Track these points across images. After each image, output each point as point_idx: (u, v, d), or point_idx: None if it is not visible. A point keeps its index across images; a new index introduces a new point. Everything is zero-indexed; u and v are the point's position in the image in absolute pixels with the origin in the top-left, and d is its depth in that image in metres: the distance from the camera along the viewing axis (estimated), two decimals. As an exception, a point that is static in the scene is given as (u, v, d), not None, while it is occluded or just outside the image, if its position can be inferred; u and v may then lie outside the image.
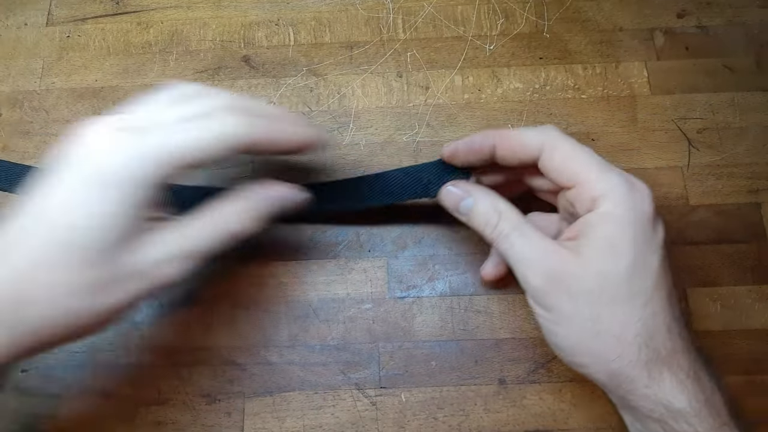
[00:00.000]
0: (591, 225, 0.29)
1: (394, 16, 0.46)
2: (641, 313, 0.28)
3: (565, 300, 0.29)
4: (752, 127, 0.42)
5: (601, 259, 0.29)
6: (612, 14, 0.45)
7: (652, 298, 0.29)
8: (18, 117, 0.44)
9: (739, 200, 0.40)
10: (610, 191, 0.29)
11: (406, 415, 0.36)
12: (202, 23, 0.46)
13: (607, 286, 0.28)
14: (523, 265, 0.30)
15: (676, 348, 0.29)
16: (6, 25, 0.46)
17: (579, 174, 0.30)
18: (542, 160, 0.31)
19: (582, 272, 0.29)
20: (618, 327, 0.28)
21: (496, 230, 0.31)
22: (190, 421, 0.36)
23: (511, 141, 0.32)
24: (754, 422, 0.35)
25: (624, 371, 0.28)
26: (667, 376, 0.28)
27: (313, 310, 0.38)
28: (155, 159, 0.26)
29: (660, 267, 0.29)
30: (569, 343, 0.30)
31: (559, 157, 0.31)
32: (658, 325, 0.28)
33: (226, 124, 0.27)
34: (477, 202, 0.32)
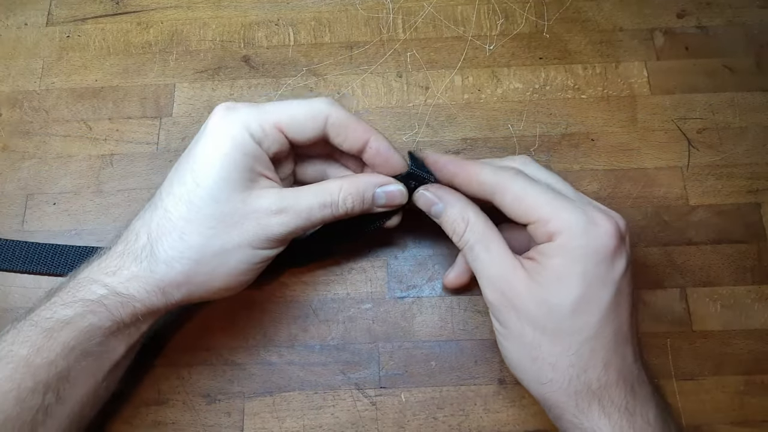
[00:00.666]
0: (545, 255, 0.30)
1: (394, 16, 0.46)
2: (578, 348, 0.29)
3: (514, 319, 0.30)
4: (752, 127, 0.42)
5: (549, 290, 0.29)
6: (612, 14, 0.45)
7: (596, 334, 0.29)
8: (18, 117, 0.44)
9: (739, 200, 0.40)
10: (564, 228, 0.29)
11: (406, 415, 0.36)
12: (202, 23, 0.46)
13: (550, 317, 0.29)
14: (483, 278, 0.31)
15: (611, 382, 0.29)
16: (6, 25, 0.46)
17: (531, 214, 0.30)
18: (495, 201, 0.32)
19: (530, 298, 0.29)
20: (553, 356, 0.29)
21: (462, 240, 0.32)
22: (190, 421, 0.36)
23: (469, 177, 0.32)
24: (754, 422, 0.35)
25: (553, 397, 0.29)
26: (595, 408, 0.28)
27: (313, 310, 0.38)
28: (248, 116, 0.31)
29: (611, 302, 0.29)
30: (512, 359, 0.31)
31: (510, 199, 0.31)
32: (595, 360, 0.29)
33: (312, 102, 0.32)
34: (446, 208, 0.33)
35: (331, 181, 0.33)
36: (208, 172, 0.30)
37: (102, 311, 0.29)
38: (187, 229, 0.30)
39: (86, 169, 0.42)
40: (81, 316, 0.29)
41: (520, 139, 0.42)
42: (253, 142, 0.31)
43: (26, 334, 0.28)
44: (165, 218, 0.30)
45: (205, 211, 0.30)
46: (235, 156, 0.30)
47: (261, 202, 0.31)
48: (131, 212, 0.40)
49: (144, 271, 0.30)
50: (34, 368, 0.27)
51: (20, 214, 0.41)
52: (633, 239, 0.39)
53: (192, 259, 0.30)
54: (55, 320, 0.29)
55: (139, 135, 0.43)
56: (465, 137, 0.42)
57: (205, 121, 0.32)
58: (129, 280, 0.30)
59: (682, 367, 0.36)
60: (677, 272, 0.38)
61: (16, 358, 0.27)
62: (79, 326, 0.29)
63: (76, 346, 0.29)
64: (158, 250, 0.30)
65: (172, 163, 0.42)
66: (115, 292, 0.30)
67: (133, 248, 0.30)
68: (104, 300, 0.29)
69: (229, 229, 0.30)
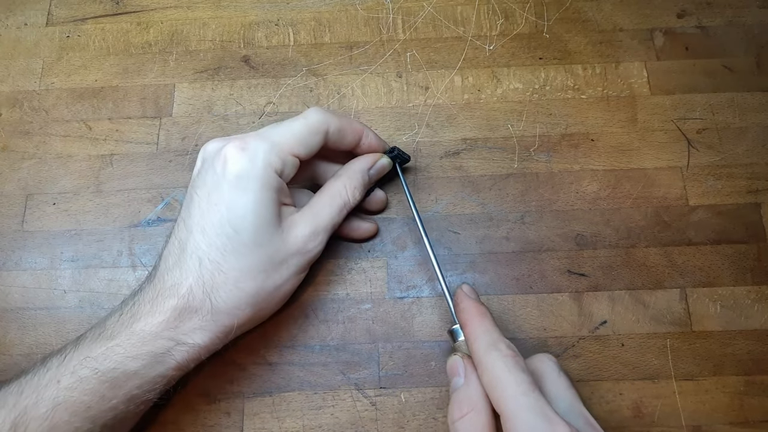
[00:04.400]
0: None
1: (393, 16, 0.46)
2: None
3: None
4: (752, 127, 0.42)
5: None
6: (612, 14, 0.45)
7: None
8: (18, 117, 0.44)
9: (739, 200, 0.40)
10: None
11: (405, 415, 0.36)
12: (202, 23, 0.46)
13: None
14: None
15: None
16: (6, 25, 0.46)
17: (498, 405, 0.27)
18: None
19: None
20: None
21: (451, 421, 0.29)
22: (190, 421, 0.36)
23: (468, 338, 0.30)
24: (754, 422, 0.35)
25: None
26: None
27: (313, 310, 0.38)
28: (268, 153, 0.32)
29: None
30: None
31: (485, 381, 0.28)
32: None
33: (308, 116, 0.34)
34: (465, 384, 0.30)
35: (335, 183, 0.36)
36: (245, 218, 0.31)
37: (170, 362, 0.31)
38: (240, 278, 0.31)
39: (86, 169, 0.42)
40: (148, 367, 0.30)
41: (519, 140, 0.42)
42: (277, 177, 0.32)
43: (88, 382, 0.29)
44: (217, 270, 0.31)
45: (253, 258, 0.32)
46: (264, 196, 0.32)
47: (297, 234, 0.33)
48: (131, 212, 0.41)
49: (208, 322, 0.31)
50: (95, 413, 0.29)
51: (20, 214, 0.41)
52: (633, 239, 0.39)
53: (251, 304, 0.32)
54: (121, 371, 0.29)
55: (138, 135, 0.43)
56: (465, 137, 0.42)
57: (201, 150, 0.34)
58: (194, 331, 0.31)
59: (682, 368, 0.36)
60: (677, 272, 0.38)
61: (77, 404, 0.28)
62: (146, 377, 0.30)
63: (138, 395, 0.30)
64: (217, 302, 0.31)
65: (172, 163, 0.42)
66: (182, 342, 0.31)
67: (191, 303, 0.31)
68: (172, 351, 0.31)
69: (278, 267, 0.33)
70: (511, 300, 0.38)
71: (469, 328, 0.30)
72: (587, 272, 0.38)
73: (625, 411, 0.35)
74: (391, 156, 0.38)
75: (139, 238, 0.40)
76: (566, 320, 0.37)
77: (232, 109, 0.43)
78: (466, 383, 0.29)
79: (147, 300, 0.31)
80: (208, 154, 0.33)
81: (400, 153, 0.38)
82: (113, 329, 0.31)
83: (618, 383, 0.36)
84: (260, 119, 0.43)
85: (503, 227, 0.39)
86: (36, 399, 0.28)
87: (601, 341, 0.37)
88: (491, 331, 0.30)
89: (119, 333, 0.30)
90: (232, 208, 0.31)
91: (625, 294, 0.38)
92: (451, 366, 0.31)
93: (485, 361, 0.28)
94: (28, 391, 0.29)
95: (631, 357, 0.36)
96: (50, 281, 0.39)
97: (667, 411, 0.35)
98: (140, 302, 0.32)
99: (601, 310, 0.38)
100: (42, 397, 0.28)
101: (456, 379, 0.30)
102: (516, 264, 0.39)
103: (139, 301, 0.32)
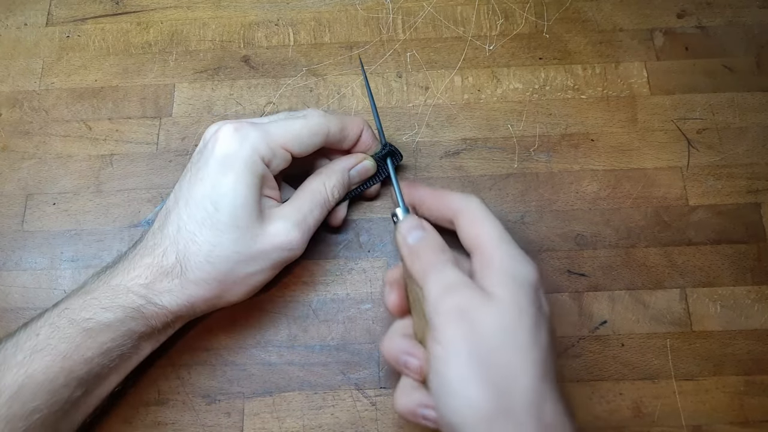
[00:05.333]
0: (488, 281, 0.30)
1: (393, 16, 0.46)
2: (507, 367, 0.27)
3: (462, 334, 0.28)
4: (752, 127, 0.42)
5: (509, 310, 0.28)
6: (612, 14, 0.45)
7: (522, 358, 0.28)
8: (18, 117, 0.44)
9: (739, 200, 0.40)
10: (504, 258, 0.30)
11: (405, 415, 0.36)
12: (202, 23, 0.46)
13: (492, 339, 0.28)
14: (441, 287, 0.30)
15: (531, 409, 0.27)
16: (6, 25, 0.46)
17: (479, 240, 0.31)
18: (455, 223, 0.33)
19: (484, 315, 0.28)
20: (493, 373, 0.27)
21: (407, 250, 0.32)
22: (190, 421, 0.36)
23: (438, 200, 0.34)
24: (754, 422, 0.35)
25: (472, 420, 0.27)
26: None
27: (313, 310, 0.38)
28: (257, 139, 0.33)
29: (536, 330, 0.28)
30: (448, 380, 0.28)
31: (467, 221, 0.32)
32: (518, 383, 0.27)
33: (309, 117, 0.35)
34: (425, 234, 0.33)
35: (314, 180, 0.36)
36: (225, 196, 0.32)
37: (140, 318, 0.32)
38: (213, 254, 0.32)
39: (86, 169, 0.42)
40: (120, 321, 0.31)
41: (519, 140, 0.42)
42: (263, 164, 0.33)
43: (65, 331, 0.30)
44: (191, 241, 0.32)
45: (228, 236, 0.32)
46: (248, 179, 0.32)
47: (278, 228, 0.33)
48: (131, 212, 0.41)
49: (176, 287, 0.32)
50: (71, 363, 0.30)
51: (20, 214, 0.41)
52: (633, 239, 0.39)
53: (220, 281, 0.33)
54: (95, 321, 0.31)
55: (138, 135, 0.43)
56: (465, 137, 0.42)
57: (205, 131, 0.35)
58: (162, 293, 0.32)
59: (682, 368, 0.36)
60: (677, 272, 0.38)
61: (54, 352, 0.30)
62: (119, 330, 0.31)
63: (113, 348, 0.31)
64: (188, 271, 0.32)
65: (172, 163, 0.42)
66: (152, 302, 0.32)
67: (163, 264, 0.32)
68: (142, 309, 0.32)
69: (255, 257, 0.33)
70: (511, 300, 0.38)
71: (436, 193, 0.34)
72: (587, 272, 0.38)
73: (625, 411, 0.35)
74: (383, 152, 0.38)
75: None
76: (566, 320, 0.37)
77: (232, 109, 0.43)
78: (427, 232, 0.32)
79: (127, 259, 0.33)
80: (207, 134, 0.34)
81: (393, 150, 0.38)
82: (92, 285, 0.33)
83: (618, 383, 0.36)
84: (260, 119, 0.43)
85: (503, 227, 0.39)
86: (14, 350, 0.29)
87: (601, 341, 0.37)
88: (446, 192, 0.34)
89: (97, 288, 0.32)
90: (215, 185, 0.32)
91: (625, 294, 0.38)
92: (409, 223, 0.33)
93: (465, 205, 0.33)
94: (8, 346, 0.30)
95: (631, 357, 0.36)
96: (50, 281, 0.39)
97: (667, 411, 0.35)
98: (120, 262, 0.33)
99: (601, 310, 0.38)
100: (20, 348, 0.30)
101: (415, 233, 0.32)
102: (516, 264, 0.39)
103: (119, 261, 0.33)
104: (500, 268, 0.30)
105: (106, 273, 0.33)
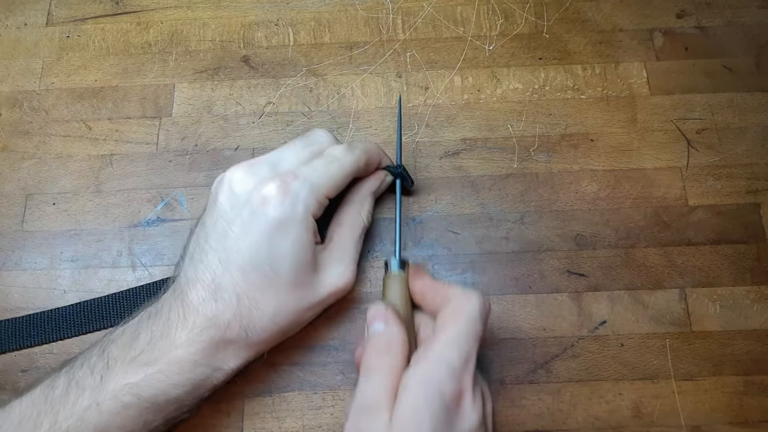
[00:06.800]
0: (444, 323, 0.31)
1: (393, 16, 0.46)
2: None
3: None
4: (751, 127, 0.42)
5: None
6: (611, 15, 0.45)
7: None
8: (18, 117, 0.44)
9: (738, 201, 0.40)
10: (463, 299, 0.31)
11: (405, 415, 0.36)
12: (201, 23, 0.46)
13: None
14: None
15: None
16: (6, 25, 0.46)
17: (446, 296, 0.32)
18: None
19: None
20: None
21: None
22: (190, 421, 0.36)
23: (433, 293, 0.34)
24: (753, 422, 0.35)
25: None
26: None
27: (313, 310, 0.38)
28: (308, 198, 0.33)
29: None
30: None
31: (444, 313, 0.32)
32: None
33: (342, 161, 0.34)
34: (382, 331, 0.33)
35: (349, 211, 0.37)
36: (285, 258, 0.32)
37: (207, 385, 0.32)
38: (276, 315, 0.32)
39: (86, 169, 0.42)
40: (189, 393, 0.31)
41: (519, 140, 0.42)
42: (313, 220, 0.33)
43: (131, 408, 0.30)
44: (254, 307, 0.32)
45: (289, 297, 0.33)
46: (303, 239, 0.33)
47: (333, 278, 0.34)
48: (131, 212, 0.41)
49: (242, 350, 0.32)
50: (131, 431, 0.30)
51: (20, 214, 0.41)
52: (633, 240, 0.39)
53: (282, 334, 0.34)
54: (164, 398, 0.30)
55: (138, 135, 0.43)
56: (464, 137, 0.42)
57: (223, 176, 0.34)
58: (228, 359, 0.32)
59: (682, 368, 0.36)
60: (677, 273, 0.38)
61: (118, 428, 0.29)
62: (186, 401, 0.31)
63: (176, 416, 0.32)
64: (253, 335, 0.32)
65: (171, 163, 0.42)
66: (219, 368, 0.32)
67: (228, 335, 0.32)
68: (210, 377, 0.32)
69: (314, 306, 0.34)
70: (511, 300, 0.38)
71: (435, 287, 0.34)
72: (587, 272, 0.38)
73: (624, 411, 0.35)
74: (396, 172, 0.38)
75: (138, 238, 0.40)
76: (566, 320, 0.37)
77: (231, 109, 0.43)
78: (388, 328, 0.32)
79: (180, 324, 0.31)
80: (241, 189, 0.33)
81: (404, 174, 0.39)
82: (150, 354, 0.31)
83: (617, 383, 0.36)
84: (260, 119, 0.43)
85: (503, 227, 0.40)
86: (77, 422, 0.29)
87: (601, 341, 0.37)
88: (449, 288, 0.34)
89: (158, 359, 0.30)
90: (273, 249, 0.32)
91: (624, 294, 0.38)
92: (376, 312, 0.33)
93: (462, 302, 0.32)
94: (63, 412, 0.29)
95: (630, 357, 0.37)
96: (50, 281, 0.39)
97: (667, 411, 0.35)
98: (172, 326, 0.31)
99: (601, 310, 0.38)
100: (83, 420, 0.29)
101: (376, 324, 0.32)
102: (515, 264, 0.39)
103: (170, 325, 0.31)
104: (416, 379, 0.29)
105: (158, 336, 0.31)
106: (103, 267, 0.39)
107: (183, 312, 0.31)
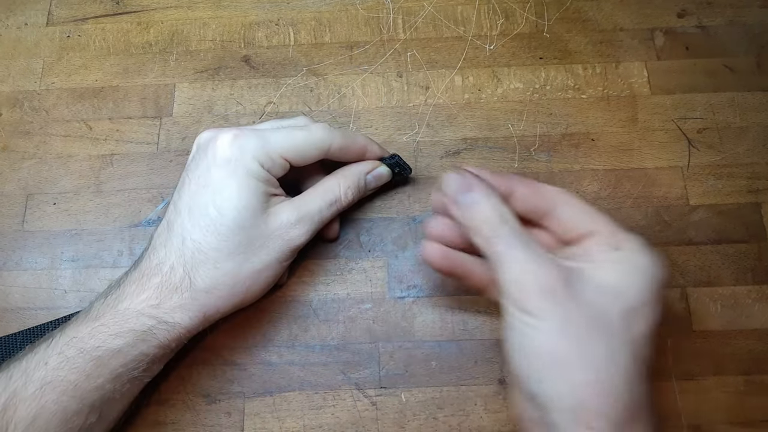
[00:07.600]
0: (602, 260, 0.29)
1: (394, 16, 0.46)
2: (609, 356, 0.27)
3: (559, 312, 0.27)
4: (752, 127, 0.42)
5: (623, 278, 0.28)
6: (612, 14, 0.45)
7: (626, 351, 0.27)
8: (18, 117, 0.44)
9: (739, 200, 0.40)
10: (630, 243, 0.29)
11: (406, 415, 0.36)
12: (202, 23, 0.46)
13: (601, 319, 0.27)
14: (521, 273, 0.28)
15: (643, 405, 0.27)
16: (6, 25, 0.46)
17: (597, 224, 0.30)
18: (556, 214, 0.31)
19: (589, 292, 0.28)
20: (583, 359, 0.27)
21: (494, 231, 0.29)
22: (190, 421, 0.36)
23: (531, 189, 0.32)
24: (754, 422, 0.35)
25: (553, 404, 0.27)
26: None
27: (313, 310, 0.38)
28: (257, 148, 0.33)
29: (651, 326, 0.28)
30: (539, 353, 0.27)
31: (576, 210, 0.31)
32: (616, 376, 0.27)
33: (312, 130, 0.35)
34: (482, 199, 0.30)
35: (330, 179, 0.36)
36: (229, 201, 0.32)
37: (151, 339, 0.31)
38: (220, 258, 0.32)
39: (86, 169, 0.42)
40: (131, 345, 0.31)
41: (520, 139, 0.42)
42: (263, 169, 0.33)
43: (75, 361, 0.30)
44: (197, 250, 0.32)
45: (234, 239, 0.32)
46: (250, 183, 0.33)
47: (280, 219, 0.34)
48: (132, 212, 0.41)
49: (186, 300, 0.32)
50: (82, 392, 0.30)
51: (20, 214, 0.41)
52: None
53: (228, 284, 0.33)
54: (105, 349, 0.30)
55: (139, 135, 0.43)
56: (465, 137, 0.42)
57: (197, 135, 0.35)
58: (173, 310, 0.32)
59: (682, 367, 0.36)
60: (677, 272, 0.38)
61: (64, 383, 0.29)
62: (129, 355, 0.31)
63: (123, 373, 0.31)
64: (197, 281, 0.32)
65: (172, 163, 0.42)
66: (163, 321, 0.32)
67: (171, 280, 0.32)
68: (153, 329, 0.31)
69: (258, 251, 0.33)
70: (512, 300, 0.38)
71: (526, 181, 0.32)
72: (588, 272, 0.38)
73: (625, 411, 0.35)
74: (390, 163, 0.38)
75: (139, 238, 0.40)
76: (567, 320, 0.37)
77: (232, 108, 0.43)
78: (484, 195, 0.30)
79: (133, 281, 0.32)
80: (203, 141, 0.34)
81: (400, 162, 0.38)
82: (99, 310, 0.32)
83: (618, 383, 0.36)
84: (260, 119, 0.43)
85: (503, 227, 0.39)
86: (24, 381, 0.29)
87: (602, 341, 0.37)
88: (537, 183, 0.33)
89: (104, 313, 0.31)
90: (218, 190, 0.32)
91: (625, 294, 0.38)
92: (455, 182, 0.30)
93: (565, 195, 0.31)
94: (16, 375, 0.29)
95: (631, 357, 0.36)
96: (51, 281, 0.39)
97: (667, 410, 0.35)
98: (126, 284, 0.33)
99: (602, 309, 0.37)
100: (30, 379, 0.29)
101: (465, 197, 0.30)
102: (516, 264, 0.39)
103: (124, 283, 0.33)
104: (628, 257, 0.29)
105: (112, 296, 0.32)
106: (104, 267, 0.39)
107: (138, 268, 0.33)
